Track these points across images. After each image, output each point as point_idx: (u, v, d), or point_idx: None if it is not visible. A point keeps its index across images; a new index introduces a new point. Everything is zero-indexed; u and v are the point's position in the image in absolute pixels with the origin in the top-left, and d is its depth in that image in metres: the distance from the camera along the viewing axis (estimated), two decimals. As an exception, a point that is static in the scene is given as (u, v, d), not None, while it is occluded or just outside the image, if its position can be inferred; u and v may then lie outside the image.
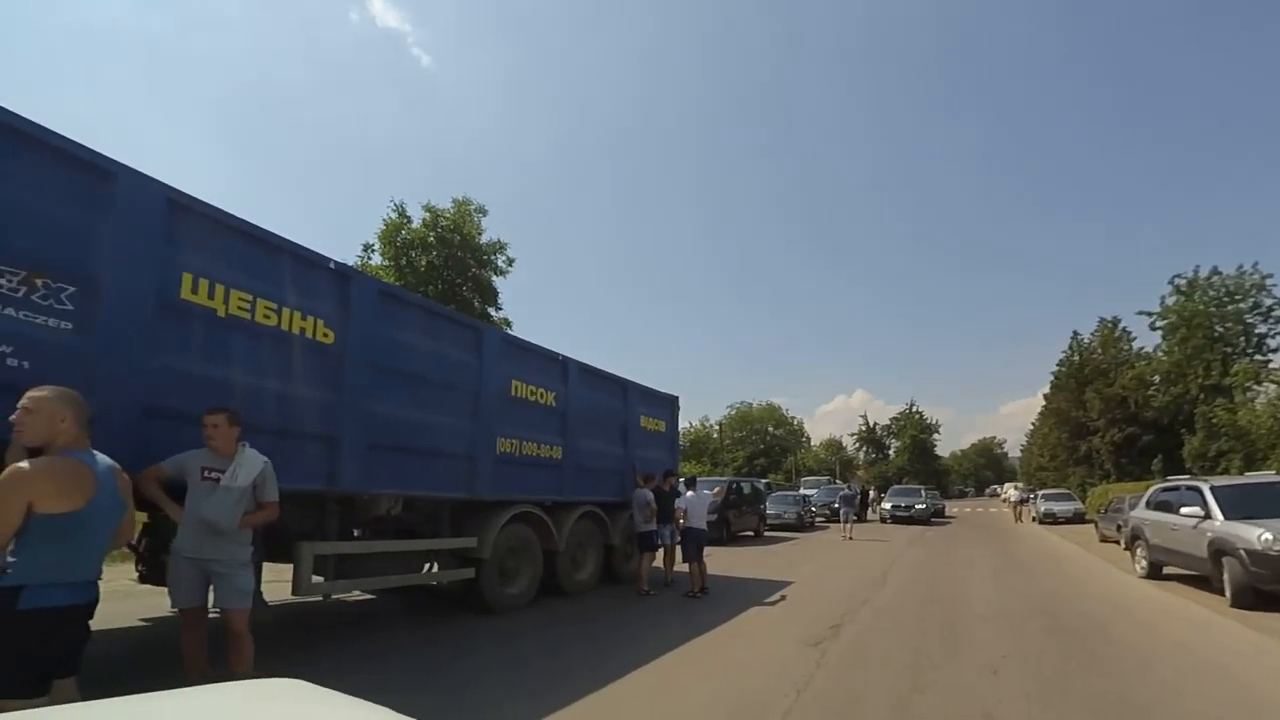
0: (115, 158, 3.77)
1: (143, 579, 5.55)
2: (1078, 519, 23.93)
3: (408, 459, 5.43)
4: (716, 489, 10.69)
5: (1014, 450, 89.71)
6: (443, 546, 6.04)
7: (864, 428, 69.93)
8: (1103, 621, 6.73)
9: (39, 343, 3.31)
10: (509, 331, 19.64)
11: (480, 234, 22.35)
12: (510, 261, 22.89)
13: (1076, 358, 36.06)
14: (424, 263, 21.07)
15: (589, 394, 8.04)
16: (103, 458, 2.44)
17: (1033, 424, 50.10)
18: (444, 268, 21.26)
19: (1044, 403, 41.69)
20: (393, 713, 1.46)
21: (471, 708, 3.87)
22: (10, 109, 3.31)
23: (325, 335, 4.79)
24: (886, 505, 25.81)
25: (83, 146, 3.58)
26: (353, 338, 4.95)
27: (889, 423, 70.38)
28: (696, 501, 8.58)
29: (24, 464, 2.17)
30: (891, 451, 68.97)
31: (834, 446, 71.07)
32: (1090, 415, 33.47)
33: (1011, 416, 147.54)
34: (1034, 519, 26.42)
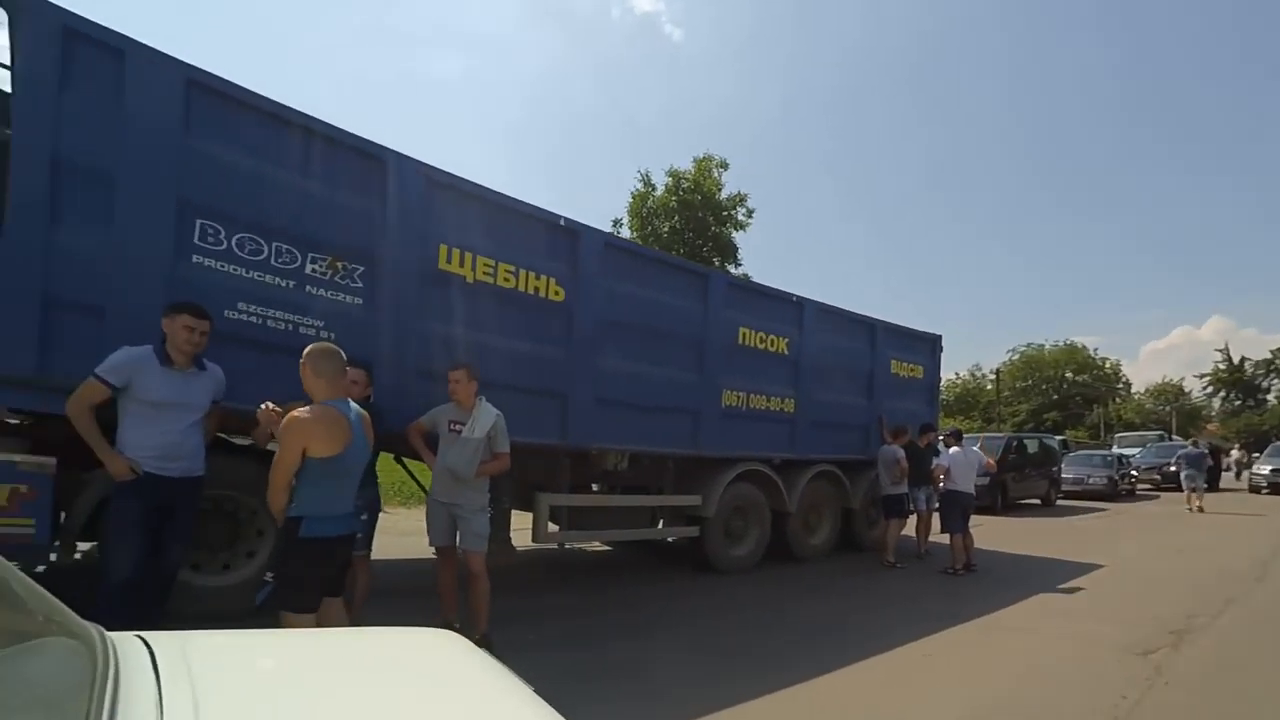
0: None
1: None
2: None
3: (632, 413, 5.50)
4: (991, 460, 8.93)
5: None
6: (667, 503, 6.09)
7: (1222, 366, 52.46)
8: None
9: (340, 317, 4.00)
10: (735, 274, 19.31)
11: (720, 189, 22.14)
12: (750, 213, 22.39)
13: None
14: (666, 229, 21.67)
15: (828, 338, 7.30)
16: (354, 407, 2.77)
17: None
18: (685, 230, 21.63)
19: None
20: (528, 689, 1.34)
21: (675, 675, 3.75)
22: (300, 109, 3.90)
23: (556, 293, 5.02)
24: (1263, 469, 19.25)
25: (360, 137, 4.12)
26: (581, 293, 5.12)
27: (1270, 356, 51.12)
28: (963, 460, 7.27)
29: (299, 412, 2.55)
30: (1271, 397, 50.64)
31: (1169, 393, 55.04)
32: None
33: None
34: None
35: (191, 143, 3.50)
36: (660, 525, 6.27)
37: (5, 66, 3.25)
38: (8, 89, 3.19)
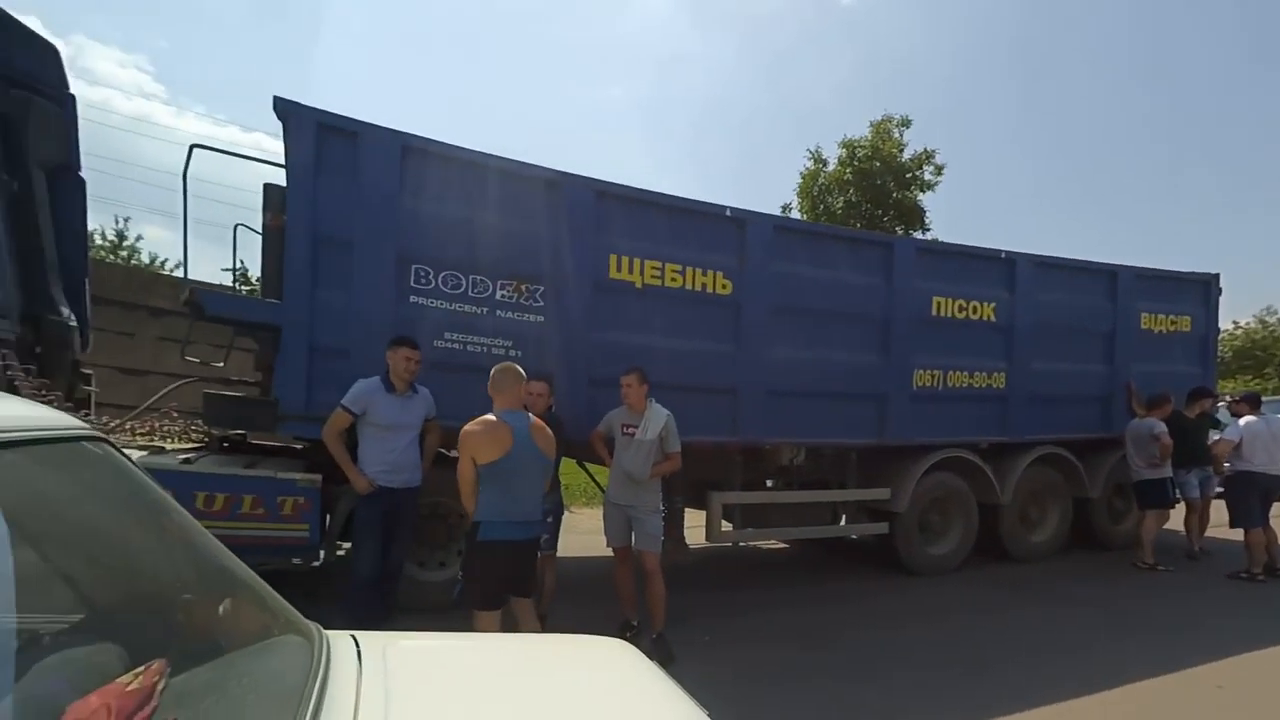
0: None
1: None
2: None
3: (807, 404, 5.26)
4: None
5: None
6: (850, 498, 5.68)
7: None
8: None
9: (524, 335, 4.42)
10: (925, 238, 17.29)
11: (902, 150, 20.20)
12: (939, 170, 20.09)
13: None
14: (840, 204, 20.32)
15: (1048, 296, 6.25)
16: (528, 417, 3.00)
17: None
18: (861, 202, 20.11)
19: None
20: (700, 713, 1.37)
21: (859, 685, 3.43)
22: (486, 151, 4.38)
23: (724, 286, 5.00)
24: None
25: (535, 165, 4.50)
26: (749, 283, 5.03)
27: None
28: (1263, 431, 5.70)
29: (468, 426, 2.87)
30: None
31: None
32: None
33: None
34: None
35: (406, 199, 4.11)
36: (843, 522, 5.88)
37: (281, 165, 4.11)
38: (283, 183, 4.04)
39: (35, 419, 1.05)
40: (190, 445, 4.49)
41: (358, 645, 1.27)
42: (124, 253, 19.02)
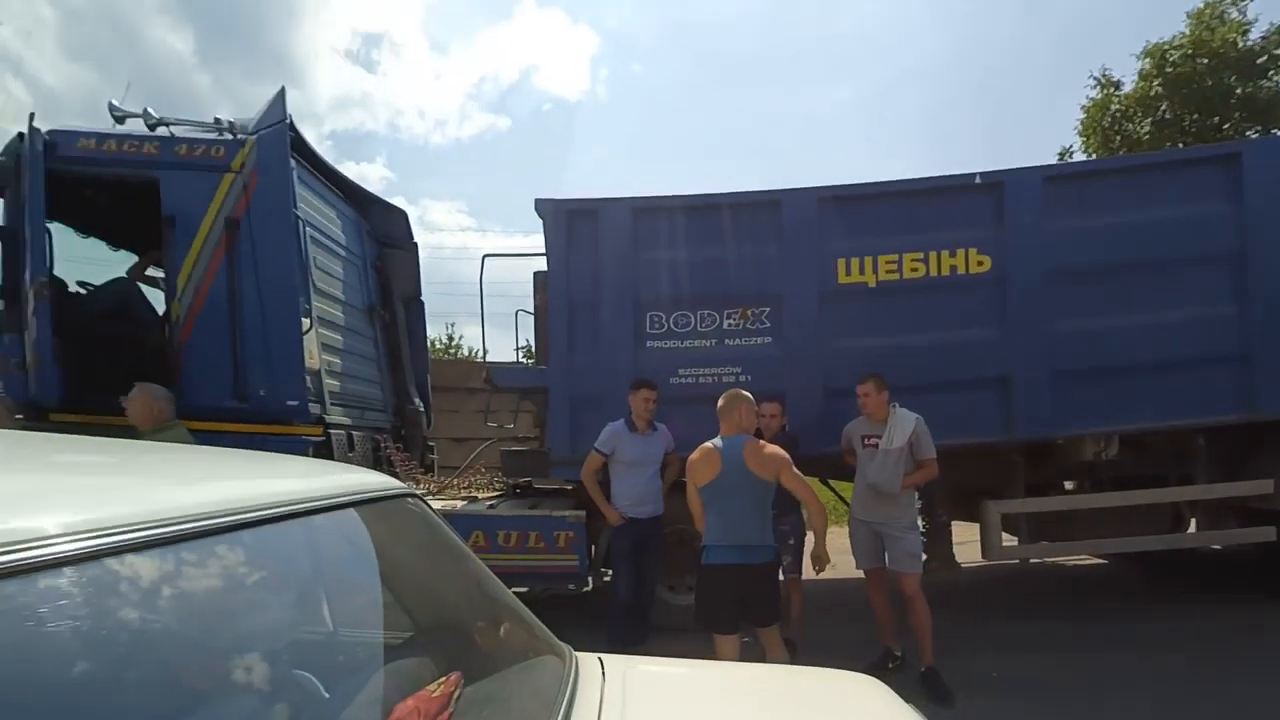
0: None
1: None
2: None
3: (1116, 381, 4.24)
4: None
5: None
6: (1204, 496, 4.32)
7: None
8: None
9: (753, 358, 4.49)
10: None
11: (1245, 31, 15.27)
12: (1313, 39, 14.61)
13: None
14: (1146, 128, 15.98)
15: None
16: (745, 439, 2.96)
17: None
18: (1181, 116, 15.55)
19: None
20: None
21: None
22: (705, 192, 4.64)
23: (979, 263, 4.42)
24: None
25: (752, 191, 4.64)
26: (1014, 252, 4.38)
27: None
28: None
29: (691, 454, 3.01)
30: None
31: None
32: None
33: None
34: None
35: (639, 254, 4.54)
36: (1192, 528, 4.51)
37: (542, 254, 4.77)
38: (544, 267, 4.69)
39: (372, 484, 1.40)
40: (494, 494, 5.50)
41: (602, 666, 1.41)
42: (453, 350, 24.53)
